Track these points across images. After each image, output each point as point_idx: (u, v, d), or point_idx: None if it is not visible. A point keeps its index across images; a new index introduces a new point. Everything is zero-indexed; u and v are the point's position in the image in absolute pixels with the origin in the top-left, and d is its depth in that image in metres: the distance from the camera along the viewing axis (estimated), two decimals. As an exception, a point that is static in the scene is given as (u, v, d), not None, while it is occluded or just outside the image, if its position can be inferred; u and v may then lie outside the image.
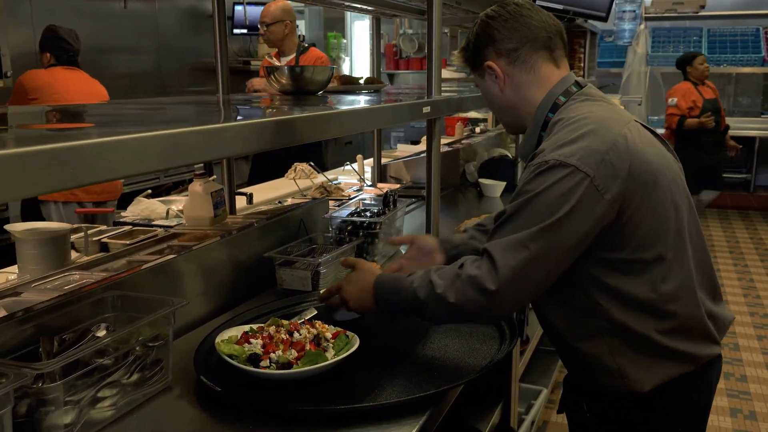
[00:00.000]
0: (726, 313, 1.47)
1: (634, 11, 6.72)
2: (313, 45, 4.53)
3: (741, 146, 6.23)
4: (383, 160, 3.54)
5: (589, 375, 1.43)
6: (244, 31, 6.39)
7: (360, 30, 9.00)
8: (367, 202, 2.45)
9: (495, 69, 1.48)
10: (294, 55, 3.84)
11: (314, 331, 1.42)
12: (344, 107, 1.58)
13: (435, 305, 1.33)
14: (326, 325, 1.47)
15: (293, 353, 1.33)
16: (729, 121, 7.43)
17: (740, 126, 7.50)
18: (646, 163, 1.31)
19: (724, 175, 5.85)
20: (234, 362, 1.33)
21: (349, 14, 8.50)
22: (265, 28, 3.99)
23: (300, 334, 1.39)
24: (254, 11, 6.25)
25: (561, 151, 1.28)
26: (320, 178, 3.44)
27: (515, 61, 1.46)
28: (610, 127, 1.32)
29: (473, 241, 1.68)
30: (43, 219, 3.57)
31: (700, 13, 7.46)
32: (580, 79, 1.51)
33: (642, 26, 6.80)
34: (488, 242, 1.31)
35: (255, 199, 2.82)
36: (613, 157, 1.27)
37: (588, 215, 1.25)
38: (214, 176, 2.85)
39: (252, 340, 1.39)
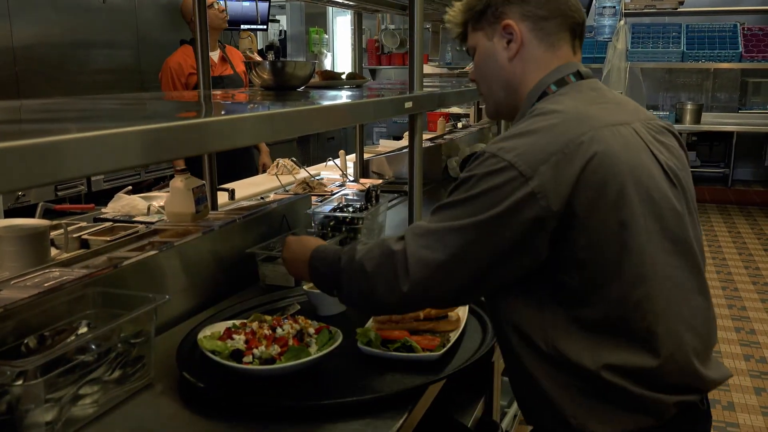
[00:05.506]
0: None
1: (614, 7, 6.77)
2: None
3: None
4: (365, 156, 3.54)
5: (547, 418, 1.19)
6: (225, 26, 6.34)
7: (342, 25, 8.99)
8: (350, 197, 2.45)
9: (515, 32, 1.25)
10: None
11: (297, 326, 1.42)
12: (326, 102, 1.58)
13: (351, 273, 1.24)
14: (309, 321, 1.47)
15: (276, 349, 1.33)
16: (707, 116, 7.53)
17: (718, 121, 7.60)
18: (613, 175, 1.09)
19: (703, 170, 5.87)
20: (217, 358, 1.32)
21: (330, 9, 8.48)
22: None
23: (283, 330, 1.39)
24: (235, 6, 6.21)
25: (503, 144, 1.11)
26: (302, 174, 3.43)
27: (540, 30, 1.25)
28: (578, 126, 1.11)
29: None
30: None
31: (678, 9, 7.53)
32: (586, 70, 1.28)
33: (622, 22, 6.85)
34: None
35: (237, 195, 2.81)
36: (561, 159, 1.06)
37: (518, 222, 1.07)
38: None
39: (235, 335, 1.38)
